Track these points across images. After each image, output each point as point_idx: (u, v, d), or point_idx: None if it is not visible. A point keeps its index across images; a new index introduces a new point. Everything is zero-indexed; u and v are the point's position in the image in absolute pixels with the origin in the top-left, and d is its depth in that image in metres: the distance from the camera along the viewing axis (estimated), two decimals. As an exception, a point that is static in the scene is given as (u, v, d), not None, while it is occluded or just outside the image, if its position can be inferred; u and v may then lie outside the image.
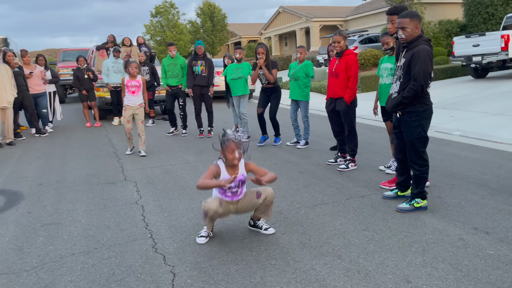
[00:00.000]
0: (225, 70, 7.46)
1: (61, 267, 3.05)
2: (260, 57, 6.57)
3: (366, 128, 7.95)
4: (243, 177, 3.39)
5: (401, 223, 3.58)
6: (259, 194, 3.37)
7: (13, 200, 4.64)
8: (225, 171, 3.34)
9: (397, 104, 3.69)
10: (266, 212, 3.47)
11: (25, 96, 8.55)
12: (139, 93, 6.53)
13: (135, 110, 6.52)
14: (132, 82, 6.47)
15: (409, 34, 3.60)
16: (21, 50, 9.89)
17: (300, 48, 6.60)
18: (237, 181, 3.34)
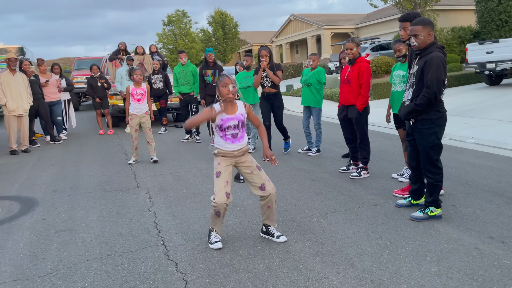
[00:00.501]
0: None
1: (75, 273, 3.07)
2: (263, 59, 6.38)
3: (378, 136, 7.90)
4: (242, 117, 3.35)
5: (415, 232, 3.54)
6: (263, 187, 3.37)
7: (28, 206, 4.71)
8: (222, 114, 3.27)
9: (410, 111, 3.66)
10: (270, 217, 3.49)
11: (41, 104, 8.71)
12: (144, 100, 6.52)
13: (141, 118, 6.52)
14: (137, 90, 6.45)
15: (422, 41, 3.59)
16: (38, 59, 10.09)
17: (312, 55, 6.61)
18: (238, 121, 3.31)
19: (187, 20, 42.90)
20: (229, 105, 3.29)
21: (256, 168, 3.41)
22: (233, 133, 3.33)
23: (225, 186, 3.31)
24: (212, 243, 3.41)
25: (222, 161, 3.36)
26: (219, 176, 3.34)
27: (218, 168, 3.36)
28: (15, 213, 4.49)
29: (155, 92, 9.54)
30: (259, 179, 3.40)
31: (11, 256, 3.41)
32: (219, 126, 3.32)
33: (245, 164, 3.41)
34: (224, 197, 3.28)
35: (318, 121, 6.62)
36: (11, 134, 7.82)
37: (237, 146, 3.36)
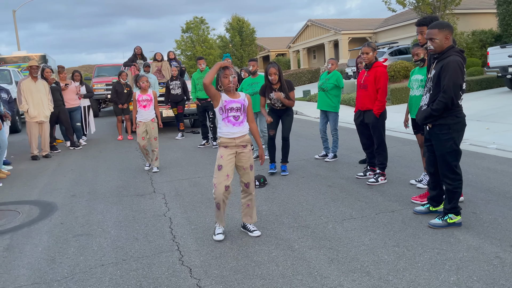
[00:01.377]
0: (241, 86, 7.06)
1: (91, 277, 3.10)
2: (272, 78, 5.56)
3: (396, 141, 7.78)
4: (245, 102, 3.63)
5: (434, 239, 3.46)
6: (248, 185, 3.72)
7: (48, 211, 4.79)
8: (226, 96, 3.57)
9: (427, 116, 3.59)
10: (247, 215, 3.78)
11: (61, 111, 8.88)
12: (150, 107, 6.40)
13: (148, 126, 6.41)
14: (143, 96, 6.36)
15: (438, 45, 3.52)
16: (58, 66, 10.32)
17: (331, 59, 6.58)
18: (240, 105, 3.58)
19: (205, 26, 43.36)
20: (231, 93, 3.60)
21: (249, 167, 3.70)
22: (235, 115, 3.56)
23: (225, 180, 3.53)
24: (215, 234, 3.69)
25: (224, 154, 3.57)
26: (221, 169, 3.54)
27: (220, 161, 3.56)
28: (35, 218, 4.57)
29: (173, 98, 9.63)
30: (247, 178, 3.71)
31: (29, 260, 3.47)
32: (222, 108, 3.54)
33: (243, 158, 3.65)
34: (223, 190, 3.52)
35: (335, 126, 6.57)
36: (32, 140, 8.00)
37: (238, 131, 3.57)
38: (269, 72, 5.57)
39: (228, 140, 3.57)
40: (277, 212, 4.31)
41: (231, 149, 3.59)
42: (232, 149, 3.59)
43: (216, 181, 3.54)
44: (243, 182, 3.75)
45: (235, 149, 3.60)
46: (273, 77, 5.57)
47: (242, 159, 3.65)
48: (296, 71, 31.22)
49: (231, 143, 3.57)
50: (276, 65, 5.60)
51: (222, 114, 3.56)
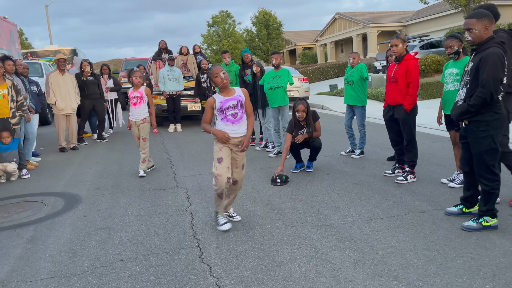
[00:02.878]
0: (262, 79, 6.90)
1: (110, 272, 3.07)
2: (300, 115, 5.45)
3: (426, 138, 7.48)
4: (241, 98, 3.67)
5: (467, 243, 3.25)
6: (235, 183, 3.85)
7: (72, 203, 4.83)
8: (220, 97, 3.62)
9: (463, 112, 3.37)
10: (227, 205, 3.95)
11: (98, 104, 8.98)
12: (141, 105, 5.81)
13: (139, 126, 5.86)
14: (134, 93, 5.79)
15: (476, 35, 3.29)
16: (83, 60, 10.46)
17: (352, 54, 6.34)
18: (236, 101, 3.62)
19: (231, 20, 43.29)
20: (225, 90, 3.65)
21: (241, 166, 3.82)
22: (233, 113, 3.63)
23: (226, 172, 3.65)
24: (220, 224, 3.72)
25: (223, 148, 3.66)
26: (221, 162, 3.65)
27: (220, 154, 3.66)
28: (59, 210, 4.61)
29: (204, 91, 9.65)
30: (237, 175, 3.83)
31: (51, 253, 3.47)
32: (219, 109, 3.61)
33: (238, 157, 3.75)
34: (225, 181, 3.64)
35: (362, 121, 6.35)
36: (60, 132, 8.13)
37: (237, 129, 3.65)
38: (297, 109, 5.47)
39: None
40: (301, 210, 4.18)
41: (228, 146, 3.70)
42: (230, 146, 3.70)
43: (218, 172, 3.63)
44: (232, 179, 3.78)
45: (231, 147, 3.71)
46: (301, 114, 5.47)
47: (236, 158, 3.77)
48: (323, 65, 30.80)
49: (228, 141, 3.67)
50: (305, 103, 5.52)
51: (220, 115, 3.65)
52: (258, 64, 7.36)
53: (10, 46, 10.29)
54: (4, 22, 9.94)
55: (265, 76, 6.83)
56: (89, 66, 8.74)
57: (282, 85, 6.56)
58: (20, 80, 6.89)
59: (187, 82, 10.58)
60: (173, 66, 9.90)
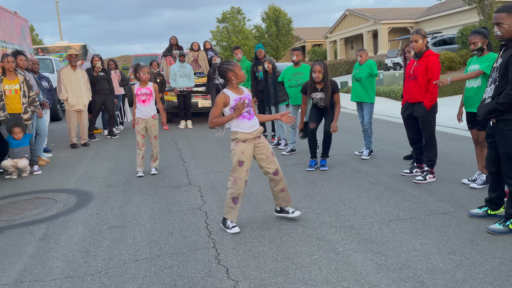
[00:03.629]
0: (281, 75, 6.70)
1: (125, 273, 2.98)
2: (316, 75, 5.29)
3: (443, 136, 7.32)
4: (250, 96, 3.65)
5: (495, 247, 3.12)
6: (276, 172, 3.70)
7: (84, 200, 4.76)
8: (233, 94, 3.53)
9: (491, 110, 3.23)
10: (285, 199, 3.80)
11: (109, 99, 8.88)
12: (150, 102, 5.62)
13: (148, 123, 5.67)
14: (142, 89, 5.60)
15: (506, 30, 3.15)
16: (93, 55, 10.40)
17: (360, 51, 6.18)
18: (248, 100, 3.59)
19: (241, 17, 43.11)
20: (236, 89, 3.58)
21: (271, 154, 3.69)
22: (248, 109, 3.56)
23: (245, 175, 3.58)
24: (230, 228, 3.59)
25: (245, 149, 3.55)
26: (242, 165, 3.55)
27: (242, 157, 3.55)
28: (71, 207, 4.54)
29: (217, 87, 9.53)
30: (273, 165, 3.69)
31: (64, 251, 3.40)
32: (233, 106, 3.52)
33: (262, 148, 3.64)
34: (243, 185, 3.57)
35: (370, 119, 6.16)
36: (71, 128, 8.09)
37: (253, 124, 3.58)
38: (314, 69, 5.32)
39: (247, 134, 3.56)
40: (318, 210, 4.07)
41: (250, 143, 3.59)
42: (251, 142, 3.59)
43: (237, 176, 3.55)
44: (270, 172, 3.69)
45: (253, 142, 3.61)
46: (317, 75, 5.29)
47: (262, 149, 3.65)
48: (332, 62, 30.55)
49: (249, 137, 3.57)
50: (322, 63, 5.36)
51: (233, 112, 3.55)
52: (270, 61, 7.20)
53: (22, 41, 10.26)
54: (15, 17, 9.91)
55: (285, 72, 6.65)
56: (100, 61, 8.67)
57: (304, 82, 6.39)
58: (31, 75, 6.84)
59: (198, 78, 10.49)
60: (184, 62, 9.81)
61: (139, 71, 5.60)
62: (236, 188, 3.54)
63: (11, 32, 9.50)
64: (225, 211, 3.65)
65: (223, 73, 3.53)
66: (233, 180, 3.55)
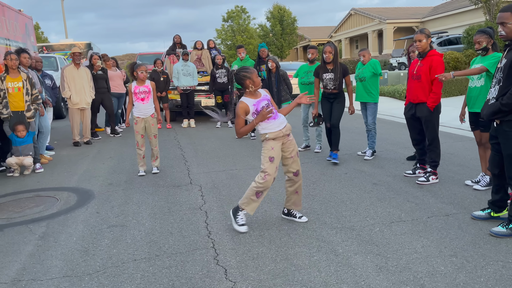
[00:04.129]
0: (297, 72, 6.76)
1: (123, 273, 2.97)
2: (327, 56, 5.59)
3: (446, 137, 7.26)
4: (268, 96, 3.63)
5: (497, 250, 3.07)
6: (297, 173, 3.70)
7: (85, 198, 4.75)
8: (250, 100, 3.52)
9: (495, 111, 3.18)
10: (296, 202, 3.78)
11: (106, 98, 8.89)
12: (149, 100, 5.59)
13: (147, 122, 5.63)
14: (140, 88, 5.54)
15: (510, 30, 3.10)
16: (103, 55, 10.40)
17: (362, 51, 6.12)
18: (267, 101, 3.57)
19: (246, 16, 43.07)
20: (254, 93, 3.55)
21: (296, 154, 3.68)
22: (270, 109, 3.50)
23: (275, 171, 3.54)
24: (240, 224, 3.57)
25: (275, 146, 3.54)
26: (273, 161, 3.53)
27: (272, 153, 3.53)
28: (72, 205, 4.54)
29: (219, 86, 9.51)
30: (296, 165, 3.68)
31: (63, 250, 3.39)
32: (255, 112, 3.51)
33: (289, 147, 3.63)
34: (271, 182, 3.53)
35: (374, 119, 6.11)
36: (74, 126, 8.09)
37: (280, 122, 3.55)
38: (325, 50, 5.63)
39: (276, 132, 3.55)
40: (319, 211, 4.04)
41: (279, 140, 3.58)
42: (280, 140, 3.59)
43: (268, 171, 3.51)
44: (291, 172, 3.69)
45: (282, 140, 3.59)
46: (328, 55, 5.62)
47: (289, 147, 3.64)
48: (337, 62, 30.41)
49: (279, 134, 3.56)
50: (333, 45, 5.69)
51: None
52: (274, 60, 7.18)
53: (26, 39, 10.29)
54: (19, 15, 9.93)
55: (299, 70, 6.72)
56: (100, 60, 8.66)
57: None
58: (34, 73, 6.85)
59: (201, 77, 10.47)
60: (187, 61, 9.79)
61: (136, 69, 5.54)
62: (265, 184, 3.49)
63: (15, 30, 9.52)
64: (243, 201, 3.57)
65: (241, 81, 3.51)
66: (263, 175, 3.50)
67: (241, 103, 3.49)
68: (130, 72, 5.65)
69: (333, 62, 5.66)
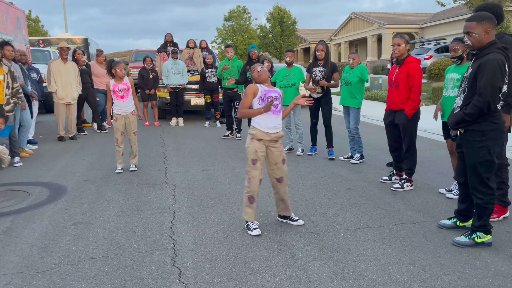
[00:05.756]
0: (274, 76, 6.77)
1: (77, 271, 2.94)
2: (319, 53, 6.05)
3: (431, 144, 7.24)
4: (280, 93, 3.64)
5: (456, 260, 3.05)
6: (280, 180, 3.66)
7: (56, 194, 4.73)
8: (263, 86, 3.57)
9: (459, 121, 3.16)
10: (285, 210, 3.75)
11: (90, 93, 8.87)
12: (129, 97, 5.57)
13: (127, 119, 5.60)
14: (119, 85, 5.52)
15: (476, 40, 3.08)
16: (97, 49, 10.38)
17: (352, 54, 6.10)
18: (278, 94, 3.59)
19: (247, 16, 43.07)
20: (267, 84, 3.61)
21: (282, 161, 3.61)
22: (275, 103, 3.49)
23: (260, 174, 3.53)
24: (251, 229, 3.53)
25: (259, 148, 3.51)
26: (256, 163, 3.51)
27: (254, 156, 3.51)
28: (42, 201, 4.51)
29: (209, 86, 9.46)
30: (280, 172, 3.63)
31: (22, 246, 3.37)
32: (261, 97, 3.51)
33: (274, 153, 3.58)
34: (258, 183, 3.52)
35: (356, 124, 6.07)
36: (59, 121, 8.06)
37: (275, 125, 3.52)
38: (317, 48, 6.08)
39: (263, 134, 3.52)
40: (287, 214, 4.01)
41: (264, 143, 3.56)
42: (265, 143, 3.56)
43: (251, 175, 3.51)
44: (274, 177, 3.66)
45: (267, 144, 3.57)
46: (320, 53, 6.07)
47: (274, 154, 3.60)
48: (335, 65, 30.39)
49: (266, 138, 3.53)
50: (325, 44, 6.16)
51: (261, 103, 3.52)
52: (269, 59, 7.29)
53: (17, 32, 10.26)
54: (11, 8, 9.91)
55: (277, 73, 6.74)
56: (84, 55, 8.63)
57: (295, 83, 6.51)
58: (18, 66, 6.82)
59: (191, 76, 10.45)
60: (176, 59, 9.76)
61: (114, 67, 5.50)
62: (251, 187, 3.50)
63: (5, 22, 9.49)
64: (243, 212, 3.61)
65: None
66: (248, 178, 3.52)
67: (253, 85, 3.55)
68: (108, 70, 5.62)
69: (324, 59, 6.11)
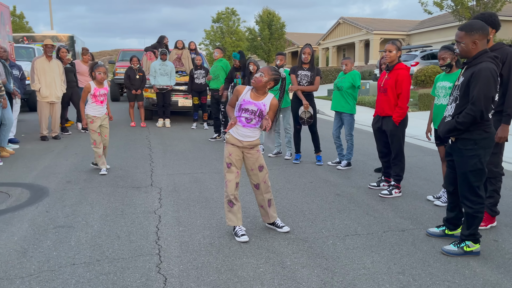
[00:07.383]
0: None
1: (57, 278, 2.83)
2: (305, 56, 6.00)
3: (418, 150, 7.27)
4: (264, 107, 3.44)
5: (446, 269, 3.03)
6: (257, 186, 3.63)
7: (38, 196, 4.58)
8: (248, 95, 3.46)
9: (451, 129, 3.15)
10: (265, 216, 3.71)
11: (74, 92, 8.71)
12: (106, 101, 5.65)
13: (102, 121, 5.64)
14: (100, 90, 5.51)
15: (463, 49, 3.08)
16: (83, 48, 10.19)
17: (345, 59, 6.08)
18: (257, 109, 3.42)
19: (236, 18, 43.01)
20: (258, 92, 3.46)
21: (258, 168, 3.57)
22: (247, 116, 3.43)
23: (236, 177, 3.49)
24: (239, 235, 3.46)
25: (233, 152, 3.49)
26: (230, 167, 3.48)
27: (228, 159, 3.49)
28: (22, 203, 4.36)
29: (197, 87, 9.34)
30: (256, 179, 3.61)
31: (0, 250, 3.23)
32: (238, 105, 3.47)
33: (251, 159, 3.55)
34: (234, 187, 3.47)
35: (350, 131, 6.04)
36: (42, 120, 7.87)
37: (245, 133, 3.46)
38: (304, 51, 6.02)
39: (235, 140, 3.51)
40: (275, 220, 3.94)
41: (239, 148, 3.53)
42: (240, 149, 3.53)
43: (227, 178, 3.49)
44: (252, 183, 3.66)
45: (242, 149, 3.54)
46: (306, 56, 6.01)
47: (249, 160, 3.57)
48: (323, 69, 30.57)
49: (238, 144, 3.51)
50: (310, 47, 6.10)
51: (237, 112, 3.49)
52: (255, 62, 7.15)
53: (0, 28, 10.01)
54: (-5, 3, 9.67)
55: None
56: (68, 53, 8.46)
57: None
58: (0, 63, 6.63)
59: (179, 77, 10.33)
60: (165, 61, 9.63)
61: (95, 70, 5.43)
62: (228, 190, 3.47)
63: (-12, 18, 9.24)
64: (226, 219, 3.53)
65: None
66: (225, 182, 3.51)
67: (242, 87, 3.51)
68: (89, 71, 5.55)
69: (309, 63, 6.07)
